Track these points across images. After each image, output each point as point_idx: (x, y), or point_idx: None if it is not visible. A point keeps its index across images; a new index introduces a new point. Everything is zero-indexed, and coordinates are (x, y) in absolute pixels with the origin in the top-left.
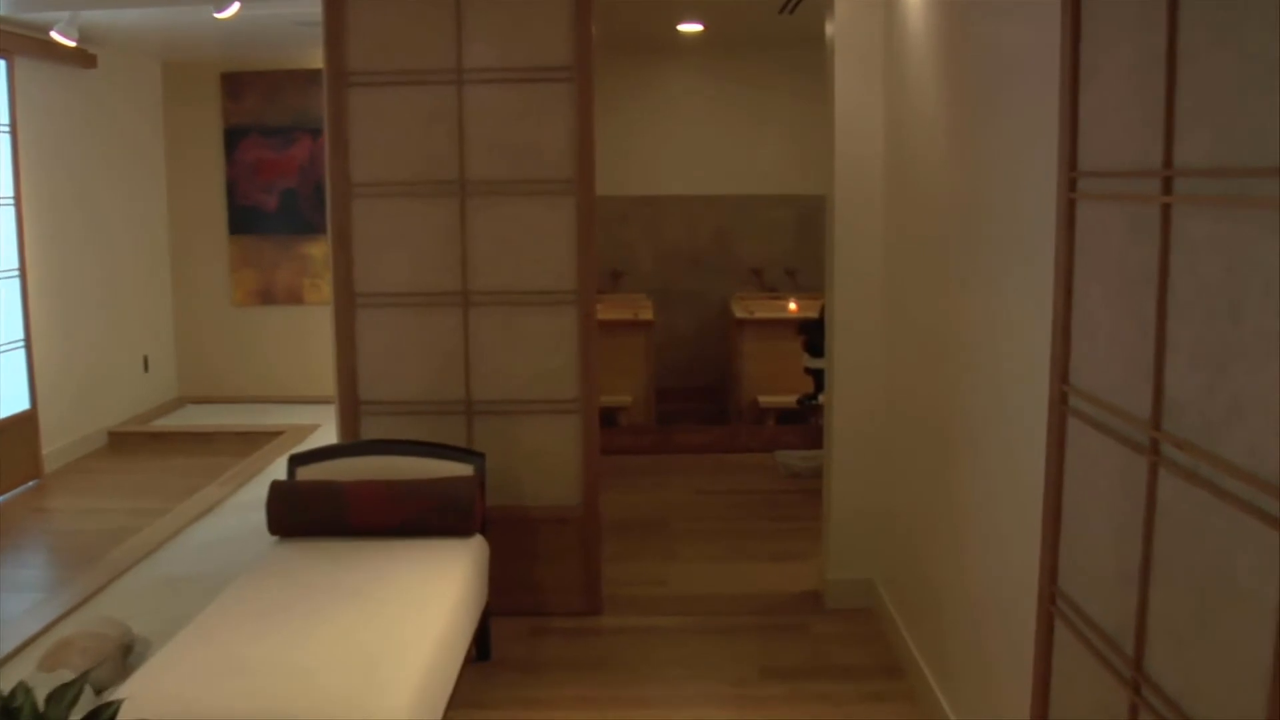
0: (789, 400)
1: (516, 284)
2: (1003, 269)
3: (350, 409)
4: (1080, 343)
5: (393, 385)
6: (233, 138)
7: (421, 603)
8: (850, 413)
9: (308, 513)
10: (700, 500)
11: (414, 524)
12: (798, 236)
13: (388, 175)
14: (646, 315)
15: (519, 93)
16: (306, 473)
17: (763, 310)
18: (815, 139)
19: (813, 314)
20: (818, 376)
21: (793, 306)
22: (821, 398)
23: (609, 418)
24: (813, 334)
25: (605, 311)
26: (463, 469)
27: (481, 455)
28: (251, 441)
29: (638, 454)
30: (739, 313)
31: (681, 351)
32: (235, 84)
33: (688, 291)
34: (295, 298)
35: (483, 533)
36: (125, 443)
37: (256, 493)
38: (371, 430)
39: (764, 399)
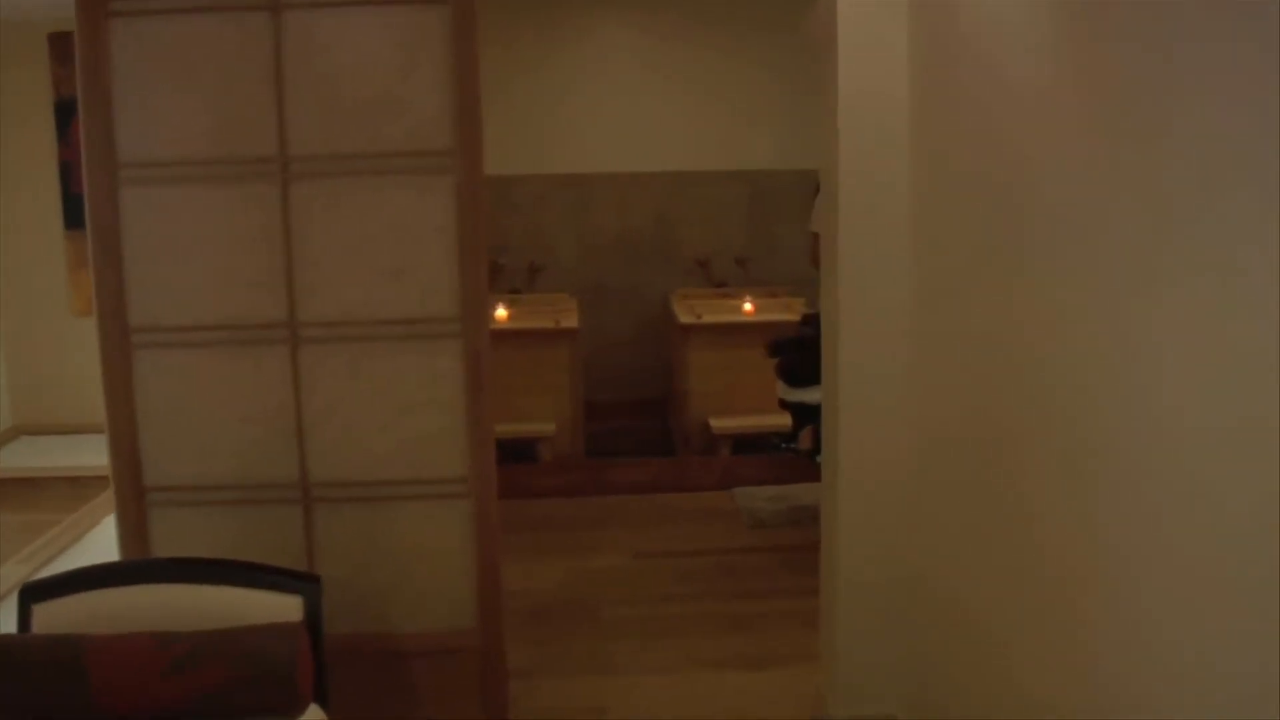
0: (748, 424)
1: (370, 309)
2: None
3: (131, 500)
4: None
5: (193, 462)
6: (65, 112)
7: None
8: (862, 462)
9: (32, 687)
10: (642, 567)
11: (204, 704)
12: (750, 219)
13: (172, 151)
14: (570, 321)
15: (368, 23)
16: (47, 615)
17: (712, 312)
18: (772, 102)
19: (782, 315)
20: (797, 411)
21: (748, 307)
22: (803, 437)
23: (527, 451)
24: (790, 356)
25: (519, 318)
26: (285, 604)
27: (315, 580)
28: (84, 490)
29: (563, 496)
30: (684, 316)
31: (614, 361)
32: (68, 46)
33: (620, 288)
34: None
35: (320, 700)
36: None
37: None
38: (164, 530)
39: (716, 423)
